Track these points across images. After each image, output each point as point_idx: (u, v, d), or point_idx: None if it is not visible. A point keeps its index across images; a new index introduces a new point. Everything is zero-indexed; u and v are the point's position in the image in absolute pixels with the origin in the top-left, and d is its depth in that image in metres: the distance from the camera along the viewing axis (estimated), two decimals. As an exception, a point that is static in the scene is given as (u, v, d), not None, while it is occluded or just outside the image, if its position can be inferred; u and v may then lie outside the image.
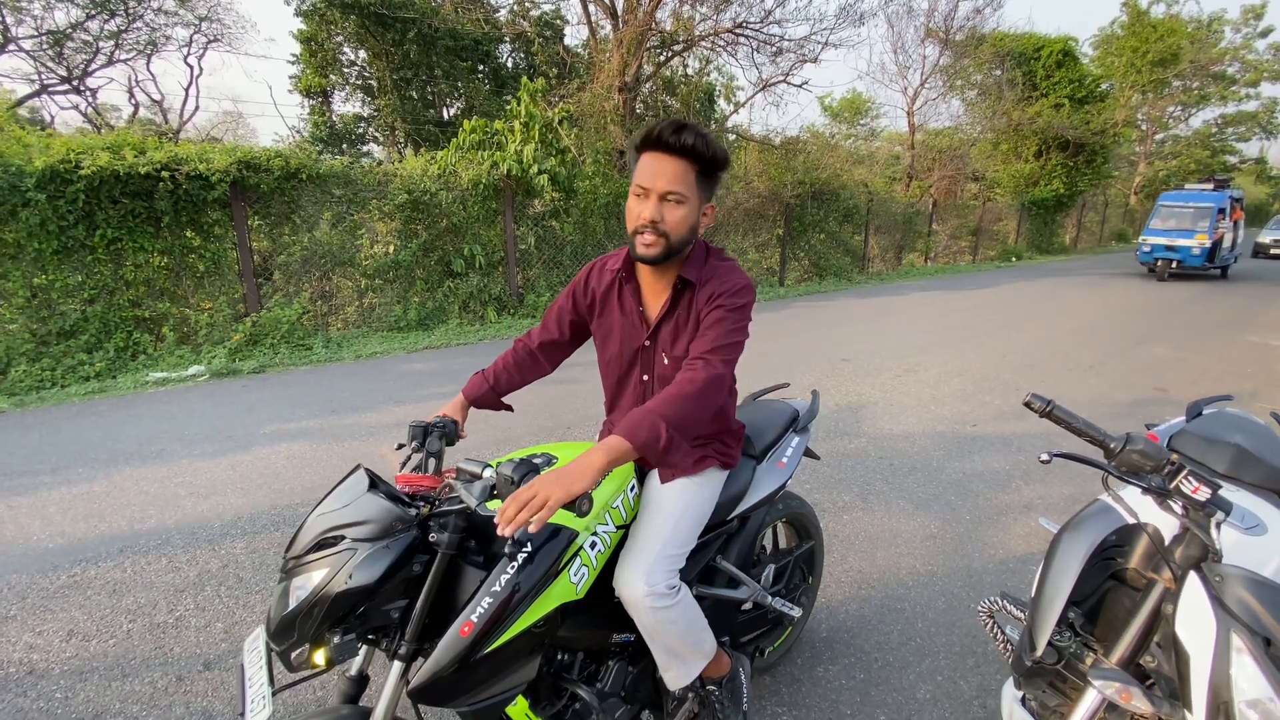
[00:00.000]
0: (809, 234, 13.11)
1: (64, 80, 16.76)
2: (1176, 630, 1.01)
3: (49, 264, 5.90)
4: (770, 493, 1.79)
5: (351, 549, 1.07)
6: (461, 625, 1.13)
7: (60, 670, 2.13)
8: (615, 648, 1.50)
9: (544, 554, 1.22)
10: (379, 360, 6.59)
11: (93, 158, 5.79)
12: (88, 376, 5.82)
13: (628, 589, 1.33)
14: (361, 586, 1.05)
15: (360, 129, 19.75)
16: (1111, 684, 0.99)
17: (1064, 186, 20.00)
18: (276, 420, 4.60)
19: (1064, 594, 1.22)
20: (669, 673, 1.46)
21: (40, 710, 1.97)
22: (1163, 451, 1.07)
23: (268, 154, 6.87)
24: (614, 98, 10.62)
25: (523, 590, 1.17)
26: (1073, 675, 1.24)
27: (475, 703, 1.19)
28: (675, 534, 1.40)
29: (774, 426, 1.90)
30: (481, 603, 1.14)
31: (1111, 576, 1.29)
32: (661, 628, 1.35)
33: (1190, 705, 0.97)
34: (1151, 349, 6.93)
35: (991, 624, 1.58)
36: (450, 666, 1.12)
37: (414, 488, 1.25)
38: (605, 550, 1.35)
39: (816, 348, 7.01)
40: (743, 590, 1.71)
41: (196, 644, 2.24)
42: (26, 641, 2.28)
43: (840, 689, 2.07)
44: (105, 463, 3.84)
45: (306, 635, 1.06)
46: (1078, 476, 3.62)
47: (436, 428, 1.48)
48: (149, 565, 2.72)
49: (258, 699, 1.09)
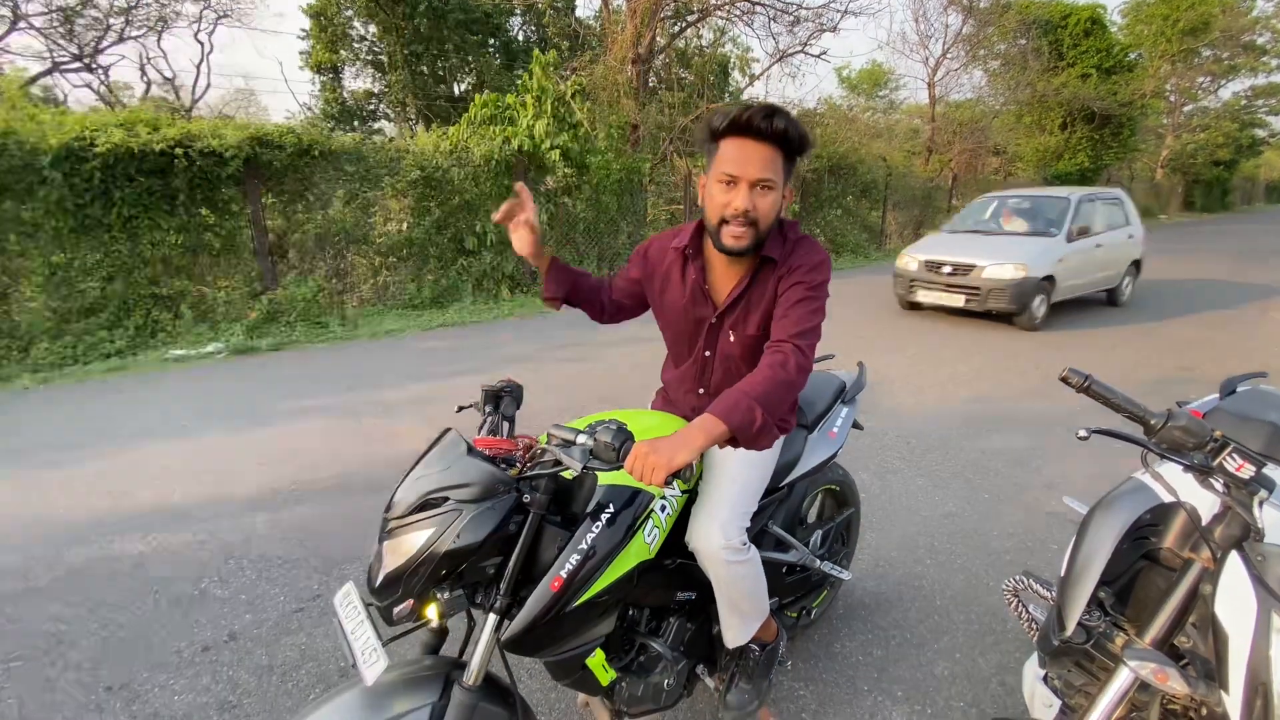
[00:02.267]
0: (826, 209, 12.90)
1: (75, 58, 16.74)
2: (1215, 610, 0.98)
3: (67, 242, 5.96)
4: (821, 461, 1.83)
5: (456, 510, 1.10)
6: (552, 580, 1.20)
7: (88, 641, 2.18)
8: (676, 605, 1.56)
9: (623, 517, 1.28)
10: (395, 338, 6.61)
11: (107, 135, 5.80)
12: (109, 354, 5.90)
13: (704, 542, 1.38)
14: (468, 545, 1.10)
15: (371, 105, 19.63)
16: (1147, 664, 0.96)
17: (1089, 160, 19.49)
18: (295, 397, 4.64)
19: (1095, 573, 1.19)
20: (730, 630, 1.52)
21: (69, 679, 2.02)
22: (1205, 428, 1.03)
23: (280, 130, 6.84)
24: (627, 70, 10.43)
25: (605, 549, 1.25)
26: (1101, 655, 1.22)
27: (560, 653, 1.28)
28: (744, 492, 1.46)
29: (824, 397, 1.94)
30: (570, 560, 1.21)
31: (1144, 556, 1.26)
32: (733, 581, 1.42)
33: (1227, 686, 0.95)
34: (1176, 327, 6.77)
35: (1016, 603, 1.56)
36: (542, 618, 1.20)
37: (495, 450, 1.27)
38: (673, 513, 1.41)
39: (834, 326, 6.90)
40: (792, 554, 1.78)
41: (220, 615, 2.28)
42: (54, 612, 2.33)
43: (857, 664, 2.07)
44: (128, 438, 3.90)
45: (412, 591, 1.10)
46: (1102, 456, 3.56)
47: (507, 393, 1.54)
48: (172, 539, 2.77)
49: (369, 650, 1.12)
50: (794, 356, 1.29)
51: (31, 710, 1.90)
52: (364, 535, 2.78)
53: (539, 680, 1.96)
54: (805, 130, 1.31)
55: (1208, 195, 31.72)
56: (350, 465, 3.47)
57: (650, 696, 1.49)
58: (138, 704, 1.91)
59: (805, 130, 1.31)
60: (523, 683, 1.94)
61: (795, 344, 1.31)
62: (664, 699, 1.52)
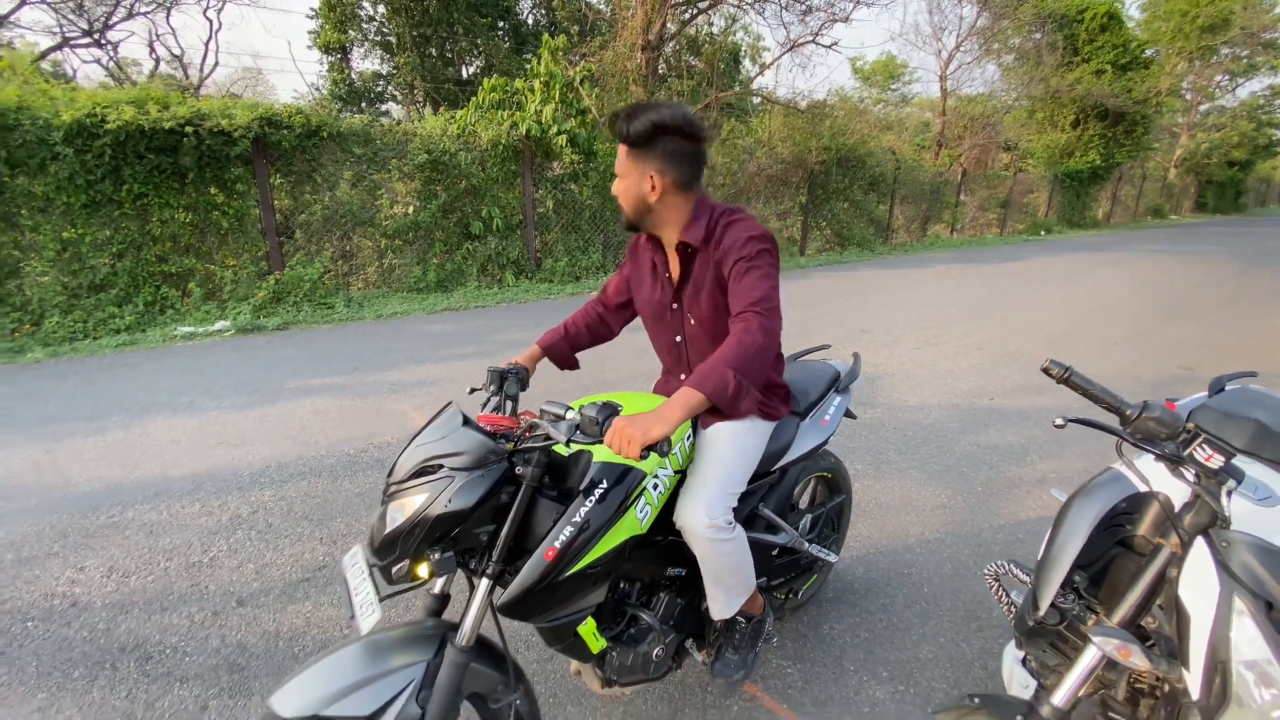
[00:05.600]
0: (832, 202, 12.86)
1: (85, 33, 16.70)
2: (1179, 592, 1.03)
3: (78, 218, 6.01)
4: (812, 448, 1.89)
5: (449, 477, 1.17)
6: (546, 550, 1.26)
7: (102, 604, 2.26)
8: (667, 580, 1.62)
9: (615, 492, 1.34)
10: (399, 320, 6.67)
11: (118, 112, 5.83)
12: (118, 329, 5.97)
13: (690, 521, 1.45)
14: (458, 510, 1.16)
15: (379, 87, 19.55)
16: (1111, 640, 1.01)
17: (1100, 158, 19.32)
18: (301, 376, 4.71)
19: (1070, 556, 1.24)
20: (715, 603, 1.57)
21: (83, 639, 2.10)
22: (1178, 419, 1.07)
23: (288, 110, 6.86)
24: (637, 57, 10.38)
25: (597, 523, 1.30)
26: (1074, 636, 1.27)
27: (553, 619, 1.35)
28: (730, 475, 1.52)
29: (817, 386, 1.99)
30: (564, 531, 1.27)
31: (1119, 543, 1.31)
32: (717, 559, 1.48)
33: (1188, 664, 1.00)
34: (1179, 327, 6.78)
35: (996, 587, 1.61)
36: (536, 585, 1.26)
37: (495, 426, 1.33)
38: (665, 491, 1.47)
39: (836, 318, 6.96)
40: (782, 536, 1.84)
41: (230, 583, 2.36)
42: (69, 577, 2.41)
43: (845, 646, 2.13)
44: (138, 412, 3.97)
45: (408, 552, 1.17)
46: (1093, 451, 3.60)
47: (511, 373, 1.63)
48: (183, 509, 2.85)
49: (366, 605, 1.20)
50: (756, 319, 1.34)
51: (48, 667, 1.98)
52: (368, 510, 2.85)
53: (535, 651, 2.03)
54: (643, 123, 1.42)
55: (1220, 196, 31.45)
56: (355, 443, 3.53)
57: (640, 666, 1.55)
58: (150, 664, 1.98)
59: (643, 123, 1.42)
60: (519, 653, 2.01)
61: (754, 310, 1.36)
62: (653, 669, 1.58)
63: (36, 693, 1.89)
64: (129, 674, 1.95)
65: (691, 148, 1.48)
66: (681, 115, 1.45)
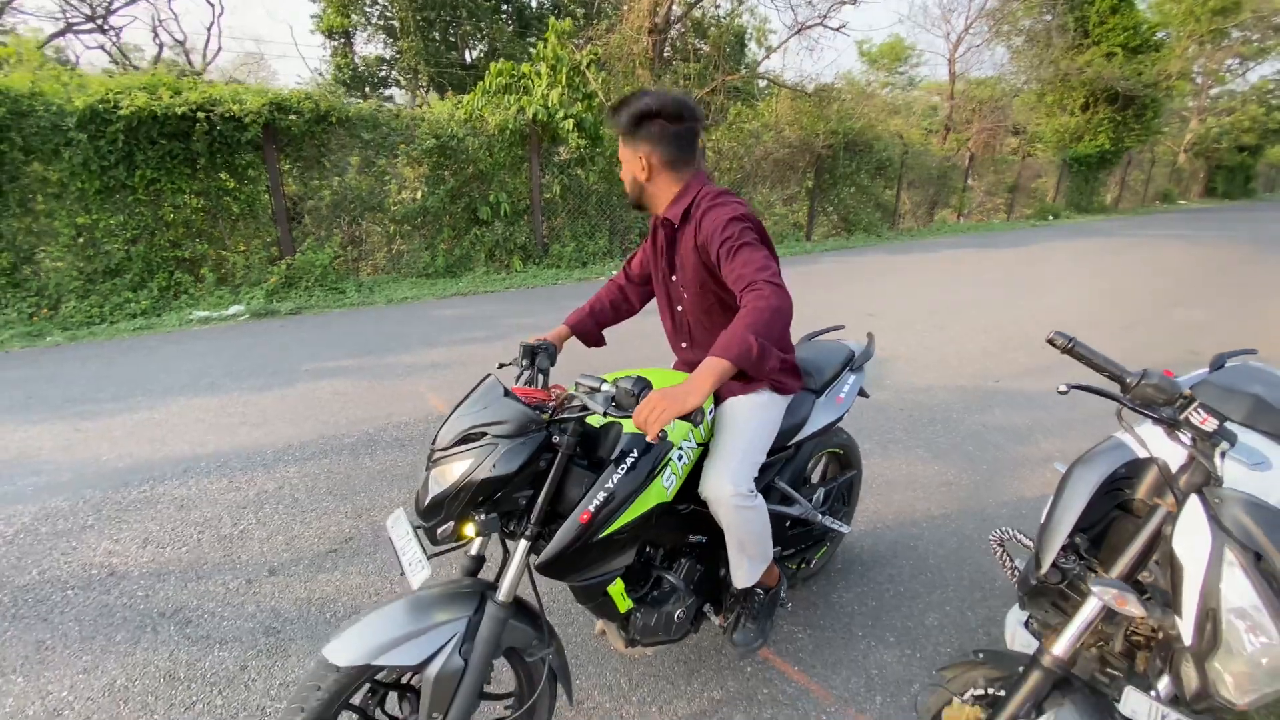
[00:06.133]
0: (839, 187, 12.82)
1: (88, 18, 16.65)
2: (1174, 546, 1.10)
3: (92, 203, 6.08)
4: (827, 424, 1.97)
5: (493, 444, 1.25)
6: (581, 514, 1.34)
7: (139, 573, 2.36)
8: (689, 547, 1.70)
9: (644, 462, 1.42)
10: (409, 305, 6.74)
11: (130, 98, 5.88)
12: (134, 314, 6.06)
13: (715, 489, 1.52)
14: (503, 475, 1.24)
15: (382, 71, 19.48)
16: (1110, 590, 1.08)
17: (1110, 142, 19.14)
18: (316, 359, 4.79)
19: (1071, 519, 1.30)
20: (739, 571, 1.65)
21: (123, 606, 2.20)
22: (1175, 385, 1.13)
23: (297, 95, 6.89)
24: (643, 40, 10.34)
25: (627, 490, 1.38)
26: (1074, 594, 1.34)
27: (586, 579, 1.44)
28: (751, 445, 1.60)
29: (832, 364, 2.07)
30: (597, 496, 1.35)
31: (1118, 507, 1.38)
32: (740, 526, 1.55)
33: (1181, 612, 1.07)
34: (1187, 312, 6.79)
35: (1001, 552, 1.68)
36: (571, 546, 1.35)
37: (529, 399, 1.41)
38: (689, 462, 1.54)
39: (843, 302, 7.00)
40: (795, 508, 1.91)
41: (261, 554, 2.45)
42: (105, 548, 2.51)
43: (853, 613, 2.21)
44: (161, 393, 4.07)
45: (453, 514, 1.26)
46: (1099, 431, 3.65)
47: (542, 349, 1.72)
48: (211, 485, 2.94)
49: (416, 563, 1.30)
50: (766, 286, 1.38)
51: (91, 631, 2.08)
52: (390, 486, 2.94)
53: (557, 616, 2.12)
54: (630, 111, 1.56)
55: (1230, 181, 31.13)
56: (374, 423, 3.62)
57: (662, 627, 1.63)
58: (190, 628, 2.08)
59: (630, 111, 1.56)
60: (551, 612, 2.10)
61: (762, 279, 1.40)
62: (674, 630, 1.66)
63: (82, 655, 1.99)
64: (170, 637, 2.05)
65: (676, 128, 1.56)
66: (668, 100, 1.55)
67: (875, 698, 1.87)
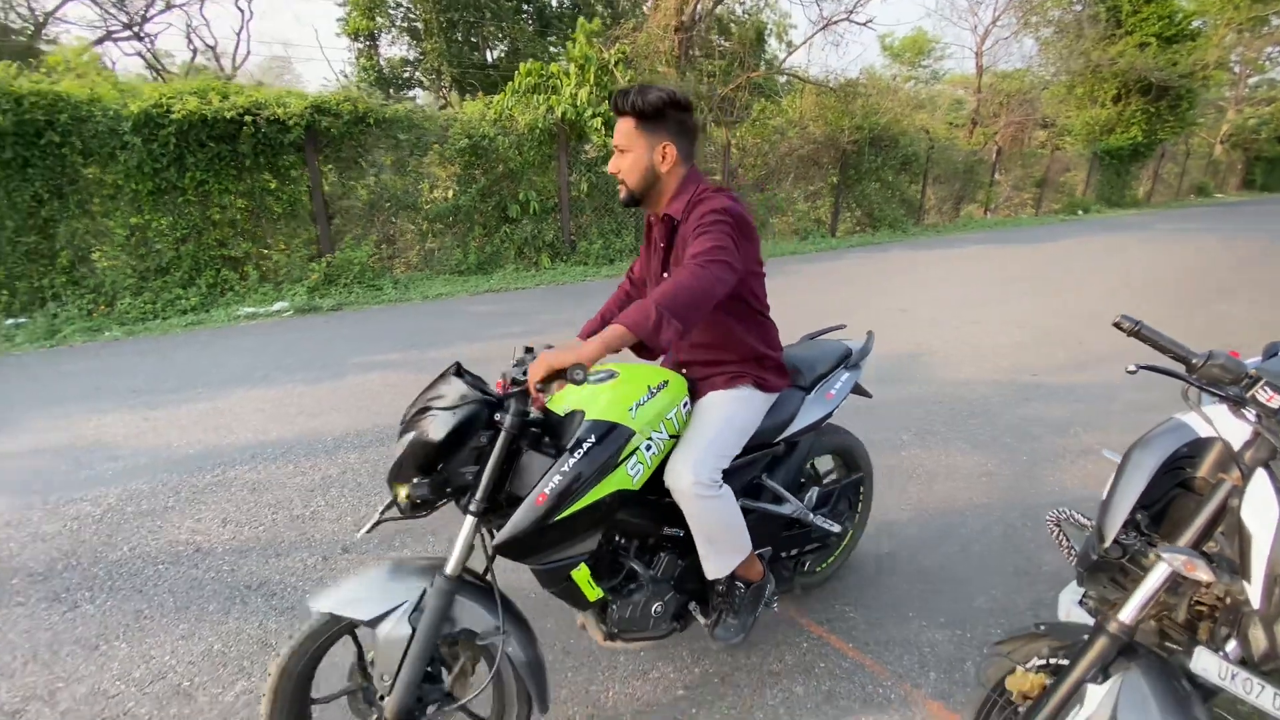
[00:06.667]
0: (864, 183, 12.77)
1: (125, 26, 17.15)
2: (1241, 516, 1.15)
3: (145, 204, 6.32)
4: (816, 420, 1.93)
5: (433, 415, 1.36)
6: (537, 495, 1.39)
7: (222, 549, 2.51)
8: (668, 541, 1.72)
9: (602, 446, 1.45)
10: (445, 301, 6.90)
11: (182, 102, 6.10)
12: (184, 310, 6.30)
13: (676, 479, 1.55)
14: (431, 440, 1.33)
15: (406, 73, 19.77)
16: (1179, 556, 1.14)
17: (1143, 134, 18.74)
18: (363, 353, 4.96)
19: (1134, 495, 1.36)
20: (708, 561, 1.65)
21: (212, 579, 2.35)
22: (1242, 366, 1.19)
23: (336, 98, 7.08)
24: (670, 38, 10.40)
25: (586, 473, 1.42)
26: (1135, 569, 1.40)
27: (546, 562, 1.48)
28: (719, 437, 1.61)
29: (825, 361, 2.04)
30: (553, 479, 1.40)
31: (1179, 485, 1.43)
32: (703, 516, 1.57)
33: (1249, 577, 1.13)
34: (1225, 307, 6.70)
35: (1058, 532, 1.74)
36: (527, 528, 1.39)
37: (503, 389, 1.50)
38: (659, 453, 1.57)
39: (872, 298, 7.02)
40: (786, 506, 1.90)
41: (333, 533, 2.59)
42: (189, 526, 2.67)
43: (903, 595, 2.28)
44: (219, 384, 4.25)
45: (400, 479, 1.36)
46: (1141, 424, 3.66)
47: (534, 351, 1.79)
48: (279, 470, 3.10)
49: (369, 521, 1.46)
50: (690, 265, 1.42)
51: (184, 602, 2.23)
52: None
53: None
54: (651, 98, 1.54)
55: (1270, 173, 30.25)
56: (424, 413, 3.75)
57: (639, 621, 1.65)
58: (275, 599, 2.22)
59: (651, 98, 1.54)
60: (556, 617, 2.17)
61: (701, 259, 1.43)
62: (652, 625, 1.68)
63: (178, 623, 2.14)
64: (258, 608, 2.18)
65: (692, 123, 1.61)
66: (681, 94, 1.58)
67: (929, 674, 1.94)
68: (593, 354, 1.27)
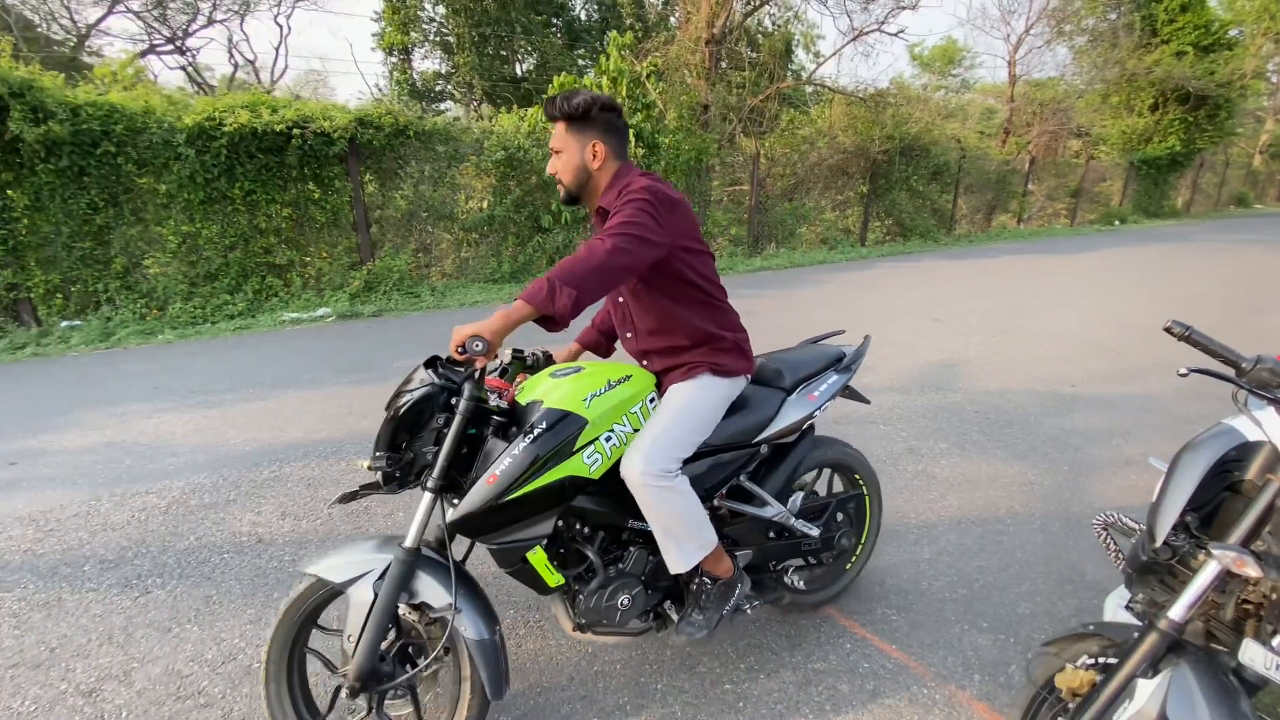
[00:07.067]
0: (894, 192, 12.71)
1: (168, 40, 17.85)
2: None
3: (196, 213, 6.60)
4: (795, 421, 1.92)
5: (400, 397, 1.50)
6: (488, 476, 1.47)
7: (283, 540, 2.63)
8: (639, 536, 1.73)
9: (553, 432, 1.51)
10: (481, 308, 7.06)
11: (234, 116, 6.38)
12: (232, 315, 6.55)
13: (627, 467, 1.57)
14: (393, 419, 1.47)
15: (439, 86, 20.25)
16: (1229, 553, 1.17)
17: (1180, 144, 18.34)
18: (407, 356, 5.11)
19: (1184, 497, 1.39)
20: (668, 554, 1.65)
21: (274, 569, 2.46)
22: (1293, 370, 1.22)
23: (379, 111, 7.32)
24: (701, 50, 10.53)
25: (536, 456, 1.48)
26: (1184, 570, 1.43)
27: (500, 542, 1.54)
28: (675, 427, 1.63)
29: (811, 364, 2.04)
30: (504, 461, 1.47)
31: (1228, 488, 1.46)
32: (658, 507, 1.58)
33: (1301, 576, 1.16)
34: (1268, 319, 6.54)
35: (1105, 535, 1.76)
36: (479, 507, 1.47)
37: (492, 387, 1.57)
38: (620, 445, 1.61)
39: (905, 308, 7.00)
40: (767, 510, 1.89)
41: (387, 526, 2.70)
42: (250, 519, 2.80)
43: (945, 600, 2.30)
44: (270, 385, 4.43)
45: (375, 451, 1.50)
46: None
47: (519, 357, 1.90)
48: (331, 467, 3.23)
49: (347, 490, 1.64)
50: (593, 239, 1.49)
51: (250, 589, 2.34)
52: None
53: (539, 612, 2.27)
54: (580, 101, 1.60)
55: (1313, 183, 29.32)
56: (466, 416, 3.87)
57: (606, 613, 1.67)
58: (336, 589, 2.32)
59: (580, 101, 1.60)
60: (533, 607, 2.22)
61: (600, 234, 1.51)
62: (620, 619, 1.69)
63: (246, 608, 2.25)
64: (320, 596, 2.29)
65: (618, 121, 1.67)
66: (606, 96, 1.65)
67: (973, 675, 1.96)
68: (493, 326, 1.35)
